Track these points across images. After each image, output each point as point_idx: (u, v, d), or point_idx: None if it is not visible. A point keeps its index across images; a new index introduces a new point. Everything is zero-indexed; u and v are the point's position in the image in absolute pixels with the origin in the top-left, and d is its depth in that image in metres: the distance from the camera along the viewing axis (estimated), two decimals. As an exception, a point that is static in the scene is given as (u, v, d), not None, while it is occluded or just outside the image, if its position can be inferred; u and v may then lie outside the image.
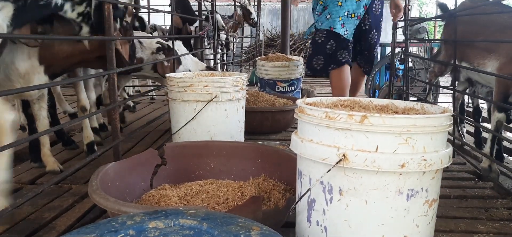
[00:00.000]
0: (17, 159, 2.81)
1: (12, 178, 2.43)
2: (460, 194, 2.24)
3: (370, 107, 1.40)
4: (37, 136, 2.31)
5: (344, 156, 1.18)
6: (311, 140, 1.27)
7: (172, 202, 1.72)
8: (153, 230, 1.02)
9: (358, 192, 1.20)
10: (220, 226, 1.01)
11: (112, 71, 2.09)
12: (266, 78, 4.54)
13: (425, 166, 1.16)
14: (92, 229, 1.01)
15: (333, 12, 3.21)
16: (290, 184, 1.92)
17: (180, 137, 2.48)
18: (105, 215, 1.87)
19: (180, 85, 2.39)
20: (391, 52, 3.93)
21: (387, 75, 7.64)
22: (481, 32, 2.68)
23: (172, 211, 1.10)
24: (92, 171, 1.77)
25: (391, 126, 1.14)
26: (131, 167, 1.95)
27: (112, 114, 2.18)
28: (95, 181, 1.61)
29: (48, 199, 2.10)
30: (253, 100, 3.52)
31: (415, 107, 1.42)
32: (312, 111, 1.26)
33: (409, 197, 1.19)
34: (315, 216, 1.30)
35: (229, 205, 1.71)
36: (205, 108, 2.36)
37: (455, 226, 1.85)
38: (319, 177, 1.25)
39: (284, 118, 3.44)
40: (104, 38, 2.08)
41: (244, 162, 2.14)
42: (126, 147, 3.08)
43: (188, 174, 2.13)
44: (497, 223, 1.89)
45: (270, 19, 14.27)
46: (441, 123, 1.19)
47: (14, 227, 1.81)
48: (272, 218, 1.53)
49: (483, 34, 2.65)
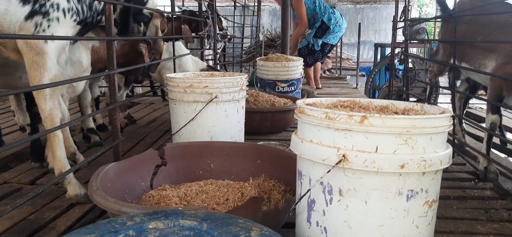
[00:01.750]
0: (17, 159, 2.82)
1: (12, 178, 2.44)
2: (460, 195, 2.24)
3: (370, 108, 1.40)
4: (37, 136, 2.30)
5: (344, 157, 1.18)
6: (311, 141, 1.27)
7: (172, 203, 1.73)
8: (153, 231, 1.02)
9: (358, 193, 1.20)
10: (220, 226, 1.01)
11: (112, 71, 2.09)
12: (266, 79, 4.55)
13: (424, 166, 1.16)
14: (92, 229, 1.01)
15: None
16: (290, 184, 1.93)
17: (180, 138, 2.48)
18: (105, 215, 1.87)
19: (180, 85, 2.39)
20: (391, 52, 3.94)
21: (387, 76, 7.64)
22: (481, 31, 2.63)
23: (172, 211, 1.11)
24: (92, 172, 1.77)
25: (391, 127, 1.14)
26: (131, 167, 1.95)
27: (112, 114, 2.19)
28: (95, 182, 1.61)
29: (48, 199, 2.11)
30: (253, 100, 3.52)
31: (415, 108, 1.42)
32: (312, 111, 1.26)
33: (409, 198, 1.19)
34: (315, 217, 1.30)
35: (229, 206, 1.71)
36: (205, 108, 2.37)
37: (455, 227, 1.85)
38: (319, 178, 1.25)
39: (284, 118, 3.45)
40: (104, 38, 2.09)
41: (244, 163, 2.15)
42: (126, 147, 3.08)
43: (188, 175, 2.13)
44: (496, 224, 1.89)
45: (270, 19, 14.28)
46: (441, 123, 1.19)
47: (14, 227, 1.81)
48: (272, 219, 1.53)
49: (483, 34, 2.61)
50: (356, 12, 15.16)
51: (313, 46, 5.66)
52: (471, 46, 2.69)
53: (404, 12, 3.40)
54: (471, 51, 2.69)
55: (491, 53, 2.50)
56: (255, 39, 9.41)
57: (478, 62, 2.62)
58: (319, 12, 5.57)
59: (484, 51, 2.56)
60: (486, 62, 2.54)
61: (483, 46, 2.57)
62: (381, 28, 14.92)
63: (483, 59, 2.57)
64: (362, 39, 8.39)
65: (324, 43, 5.65)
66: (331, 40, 5.69)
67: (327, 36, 5.63)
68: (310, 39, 5.68)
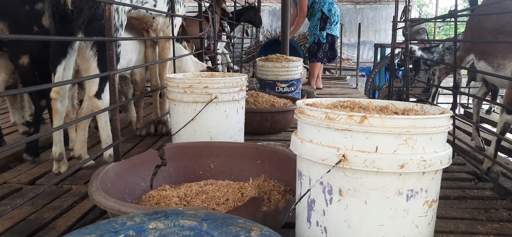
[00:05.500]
0: (17, 159, 2.82)
1: (12, 178, 2.44)
2: (459, 195, 2.24)
3: (370, 108, 1.40)
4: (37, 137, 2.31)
5: (344, 157, 1.18)
6: (311, 141, 1.27)
7: (172, 203, 1.73)
8: (153, 231, 1.02)
9: (358, 193, 1.20)
10: (220, 227, 1.01)
11: (112, 72, 2.09)
12: (266, 79, 4.55)
13: (424, 166, 1.16)
14: (92, 229, 1.01)
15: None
16: (290, 184, 1.93)
17: (180, 138, 2.48)
18: (105, 215, 1.87)
19: (179, 86, 2.39)
20: (391, 52, 3.94)
21: (387, 76, 7.64)
22: (505, 28, 2.47)
23: (172, 211, 1.11)
24: (92, 172, 1.77)
25: (390, 127, 1.14)
26: (131, 167, 1.95)
27: (113, 114, 2.19)
28: (95, 182, 1.61)
29: (48, 199, 2.11)
30: (253, 100, 3.52)
31: (415, 108, 1.42)
32: (312, 111, 1.26)
33: (409, 198, 1.19)
34: (315, 217, 1.30)
35: (229, 206, 1.71)
36: (205, 109, 2.37)
37: (455, 227, 1.85)
38: (319, 178, 1.25)
39: (283, 119, 3.45)
40: (104, 38, 2.09)
41: (244, 163, 2.15)
42: (126, 147, 3.08)
43: (188, 175, 2.13)
44: (496, 224, 1.89)
45: (270, 19, 14.27)
46: (441, 124, 1.19)
47: (14, 227, 1.81)
48: (272, 219, 1.53)
49: (505, 33, 2.44)
50: (356, 12, 15.16)
51: (319, 39, 5.72)
52: (492, 44, 2.54)
53: (404, 12, 3.41)
54: (491, 50, 2.55)
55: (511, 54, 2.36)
56: (255, 39, 9.40)
57: (497, 62, 2.49)
58: (318, 2, 5.64)
59: (505, 50, 2.42)
60: (505, 62, 2.41)
61: (504, 46, 2.43)
62: (381, 28, 14.91)
63: (502, 59, 2.44)
64: (362, 39, 8.39)
65: (328, 34, 5.72)
66: (333, 31, 5.76)
67: (330, 27, 5.70)
68: (316, 32, 5.73)
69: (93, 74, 2.39)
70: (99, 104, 2.39)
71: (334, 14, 5.67)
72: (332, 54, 5.92)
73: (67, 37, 2.34)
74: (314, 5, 5.67)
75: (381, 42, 10.26)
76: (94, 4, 2.19)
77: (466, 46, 2.91)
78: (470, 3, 3.09)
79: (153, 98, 3.54)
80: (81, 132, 2.56)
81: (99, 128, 2.55)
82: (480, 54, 2.68)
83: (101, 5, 2.18)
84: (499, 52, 2.47)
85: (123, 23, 2.46)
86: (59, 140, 2.47)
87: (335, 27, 5.77)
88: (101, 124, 2.52)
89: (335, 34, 5.82)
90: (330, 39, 5.75)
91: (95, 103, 2.41)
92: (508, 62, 2.40)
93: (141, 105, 3.58)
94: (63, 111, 2.48)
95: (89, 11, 2.21)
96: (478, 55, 2.68)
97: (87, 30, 2.26)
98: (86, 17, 2.22)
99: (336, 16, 5.71)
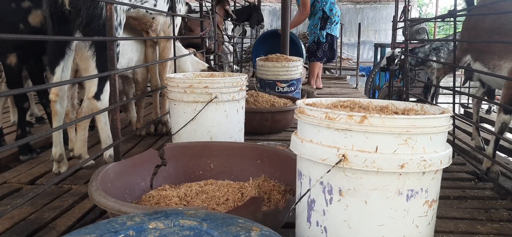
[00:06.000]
0: (17, 159, 2.82)
1: (12, 178, 2.44)
2: (460, 194, 2.24)
3: (370, 108, 1.40)
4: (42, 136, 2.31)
5: (344, 157, 1.18)
6: (311, 141, 1.27)
7: (172, 203, 1.73)
8: (153, 231, 1.02)
9: (358, 193, 1.20)
10: (220, 226, 1.01)
11: (113, 72, 2.09)
12: (265, 79, 4.55)
13: (424, 166, 1.17)
14: (92, 229, 1.01)
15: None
16: (290, 184, 1.92)
17: (180, 138, 2.48)
18: (105, 215, 1.87)
19: (179, 85, 2.39)
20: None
21: (387, 76, 7.64)
22: (501, 29, 2.44)
23: (172, 211, 1.11)
24: (92, 171, 1.77)
25: (390, 127, 1.14)
26: (131, 167, 1.95)
27: (113, 114, 2.19)
28: (95, 182, 1.61)
29: (48, 199, 2.11)
30: (253, 100, 3.52)
31: (415, 108, 1.42)
32: (312, 111, 1.26)
33: (409, 198, 1.19)
34: (315, 217, 1.30)
35: (229, 206, 1.71)
36: (205, 108, 2.37)
37: (455, 227, 1.85)
38: (319, 178, 1.25)
39: (284, 119, 3.45)
40: (104, 38, 2.09)
41: (244, 163, 2.15)
42: (126, 147, 3.08)
43: (188, 175, 2.13)
44: (496, 224, 1.89)
45: (270, 19, 14.28)
46: (441, 123, 1.19)
47: (14, 227, 1.81)
48: (272, 219, 1.53)
49: (501, 33, 2.42)
50: (356, 12, 15.17)
51: (319, 38, 5.74)
52: (487, 45, 2.53)
53: (404, 12, 3.40)
54: (487, 51, 2.53)
55: (507, 54, 2.35)
56: (255, 39, 9.40)
57: (493, 63, 2.47)
58: (320, 1, 5.66)
59: (501, 51, 2.40)
60: (501, 63, 2.39)
61: (500, 47, 2.41)
62: (381, 28, 14.93)
63: (498, 59, 2.42)
64: (362, 39, 8.39)
65: (328, 34, 5.75)
66: (333, 31, 5.78)
67: (330, 27, 5.73)
68: (317, 31, 5.75)
69: (91, 74, 2.38)
70: (98, 105, 2.38)
71: (335, 14, 5.69)
72: (331, 54, 5.93)
73: (67, 37, 2.34)
74: (316, 4, 5.67)
75: (381, 42, 10.26)
76: (92, 4, 2.18)
77: (463, 46, 2.91)
78: (466, 3, 3.10)
79: (153, 98, 3.54)
80: (81, 131, 2.56)
81: (99, 129, 2.54)
82: (476, 55, 2.67)
83: (99, 5, 2.17)
84: (495, 53, 2.46)
85: (121, 22, 2.45)
86: (59, 141, 2.47)
87: (335, 28, 5.78)
88: (100, 125, 2.51)
89: (335, 34, 5.83)
90: (329, 39, 5.76)
91: (94, 104, 2.39)
92: (504, 63, 2.39)
93: (142, 105, 3.58)
94: (62, 112, 2.47)
95: (87, 11, 2.18)
96: (474, 55, 2.68)
97: (85, 30, 2.24)
98: (84, 17, 2.20)
99: (336, 17, 5.73)
